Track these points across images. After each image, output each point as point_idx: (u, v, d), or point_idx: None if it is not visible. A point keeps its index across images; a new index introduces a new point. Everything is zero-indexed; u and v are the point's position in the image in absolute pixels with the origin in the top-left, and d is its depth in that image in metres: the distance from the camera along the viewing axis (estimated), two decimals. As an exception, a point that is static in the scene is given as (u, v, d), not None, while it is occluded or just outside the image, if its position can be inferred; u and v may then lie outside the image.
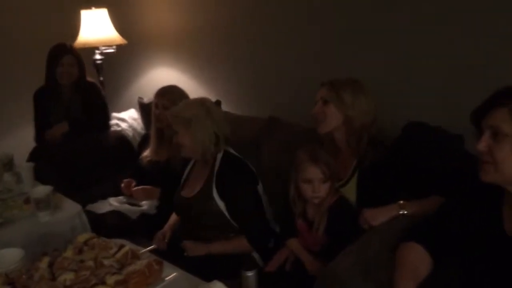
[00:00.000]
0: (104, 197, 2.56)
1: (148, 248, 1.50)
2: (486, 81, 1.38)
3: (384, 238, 1.50)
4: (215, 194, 1.94)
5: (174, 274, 1.15)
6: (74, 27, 3.25)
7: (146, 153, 2.62)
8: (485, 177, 1.21)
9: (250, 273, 0.89)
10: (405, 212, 1.57)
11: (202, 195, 1.98)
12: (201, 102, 2.04)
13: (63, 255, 1.17)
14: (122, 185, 2.53)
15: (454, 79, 1.97)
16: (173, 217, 2.21)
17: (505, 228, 1.24)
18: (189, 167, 2.17)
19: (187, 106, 2.03)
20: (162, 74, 3.36)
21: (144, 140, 2.76)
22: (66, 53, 2.84)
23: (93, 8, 3.21)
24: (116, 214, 2.36)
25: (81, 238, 1.24)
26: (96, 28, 3.18)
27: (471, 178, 1.29)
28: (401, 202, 1.59)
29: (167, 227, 2.17)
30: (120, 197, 2.55)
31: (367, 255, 1.45)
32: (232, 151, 2.06)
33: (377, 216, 1.59)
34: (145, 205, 2.45)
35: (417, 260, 1.34)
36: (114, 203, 2.47)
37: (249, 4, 2.74)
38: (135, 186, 2.54)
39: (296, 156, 1.80)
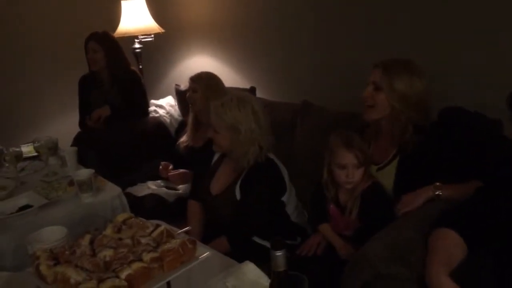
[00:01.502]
0: (143, 180, 2.65)
1: (184, 229, 1.54)
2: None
3: (417, 223, 1.49)
4: (238, 196, 1.91)
5: (207, 253, 1.19)
6: (116, 17, 3.35)
7: (183, 138, 2.69)
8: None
9: (279, 253, 0.91)
10: (440, 193, 1.55)
11: (226, 198, 1.95)
12: (252, 108, 1.88)
13: (103, 233, 1.23)
14: (160, 167, 2.62)
15: (491, 61, 1.90)
16: None
17: None
18: (217, 156, 2.12)
19: (237, 110, 1.86)
20: (198, 62, 3.41)
21: (181, 126, 2.84)
22: (90, 40, 2.92)
23: (133, -1, 3.29)
24: (154, 197, 2.44)
25: (120, 217, 1.30)
26: (135, 18, 3.26)
27: (508, 165, 1.26)
28: (437, 184, 1.57)
29: None
30: (158, 181, 2.64)
31: (398, 239, 1.44)
32: (271, 156, 1.97)
33: (413, 201, 1.58)
34: (181, 189, 2.52)
35: (451, 246, 1.32)
36: (152, 186, 2.56)
37: None
38: (172, 169, 2.62)
39: (330, 141, 1.80)
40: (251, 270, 1.28)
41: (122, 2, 3.29)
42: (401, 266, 1.36)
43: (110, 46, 2.94)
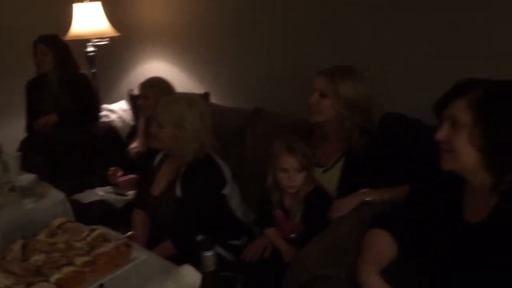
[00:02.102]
0: (92, 187, 2.61)
1: (126, 234, 1.54)
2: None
3: (353, 225, 1.55)
4: (179, 194, 1.94)
5: (143, 256, 1.19)
6: (68, 20, 3.29)
7: (134, 144, 2.67)
8: (445, 165, 1.25)
9: (208, 253, 0.93)
10: (368, 198, 1.63)
11: (167, 197, 1.98)
12: (200, 107, 1.97)
13: (36, 238, 1.21)
14: (109, 173, 2.58)
15: (434, 71, 2.00)
16: None
17: (464, 216, 1.28)
18: (159, 157, 2.14)
19: (186, 107, 1.94)
20: (154, 67, 3.39)
21: (133, 131, 2.81)
22: (38, 42, 2.88)
23: (85, 1, 3.24)
24: (101, 203, 2.40)
25: (56, 222, 1.28)
26: (88, 21, 3.21)
27: (437, 169, 1.33)
28: (365, 190, 1.65)
29: None
30: (107, 187, 2.60)
31: (334, 241, 1.50)
32: (212, 153, 2.02)
33: (344, 206, 1.65)
34: (131, 194, 2.49)
35: (381, 245, 1.38)
36: (100, 192, 2.52)
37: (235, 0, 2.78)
38: (122, 175, 2.59)
39: (274, 146, 1.84)
40: (189, 273, 1.28)
41: (74, 5, 3.23)
42: (335, 267, 1.41)
43: (58, 48, 2.90)
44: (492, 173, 1.18)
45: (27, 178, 1.90)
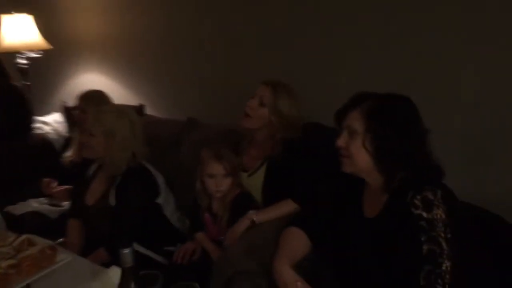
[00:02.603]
0: (25, 199, 2.59)
1: (57, 241, 1.60)
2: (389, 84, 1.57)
3: (273, 225, 1.70)
4: (113, 203, 2.00)
5: (68, 258, 1.27)
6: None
7: (68, 153, 2.69)
8: (345, 168, 1.42)
9: (126, 250, 1.03)
10: (255, 219, 1.81)
11: (101, 206, 2.03)
12: (129, 117, 2.03)
13: (-38, 245, 1.25)
14: (43, 184, 2.58)
15: (356, 80, 2.19)
16: None
17: (364, 212, 1.46)
18: (93, 167, 2.19)
19: (116, 117, 2.00)
20: (88, 79, 3.42)
21: (67, 143, 2.82)
22: None
23: (14, 13, 3.21)
24: (35, 214, 2.40)
25: (-19, 230, 1.33)
26: (18, 33, 3.18)
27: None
28: (252, 211, 1.84)
29: None
30: (41, 199, 2.60)
31: (256, 240, 1.64)
32: (145, 163, 2.08)
33: (236, 231, 1.81)
34: (65, 205, 2.51)
35: (295, 242, 1.53)
36: (34, 204, 2.51)
37: (167, 12, 2.89)
38: (56, 186, 2.61)
39: (202, 154, 1.96)
40: (116, 274, 1.37)
41: (1, 16, 3.19)
42: (255, 263, 1.55)
43: None
44: (383, 174, 1.36)
45: (-47, 191, 1.89)
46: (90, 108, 2.46)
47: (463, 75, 1.96)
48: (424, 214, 1.24)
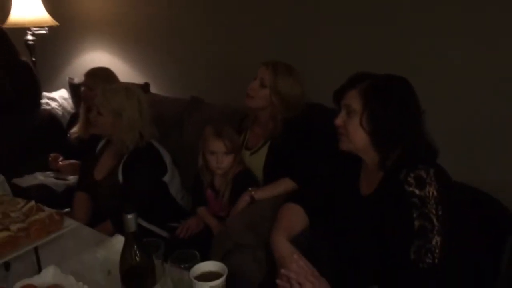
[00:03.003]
0: (31, 172, 2.66)
1: (63, 210, 1.66)
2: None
3: (271, 201, 1.76)
4: (121, 179, 2.05)
5: (75, 224, 1.33)
6: (7, 8, 3.28)
7: (74, 129, 2.74)
8: (342, 146, 1.47)
9: (130, 216, 1.08)
10: (254, 195, 1.86)
11: (109, 182, 2.08)
12: (138, 98, 2.05)
13: (-26, 209, 1.31)
14: (50, 159, 2.65)
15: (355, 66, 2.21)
16: None
17: (361, 190, 1.50)
18: (101, 143, 2.24)
19: (125, 97, 2.02)
20: (95, 57, 3.46)
21: (73, 119, 2.88)
22: None
23: (24, -11, 3.25)
24: (41, 187, 2.47)
25: (-10, 195, 1.38)
26: (27, 9, 3.22)
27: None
28: (251, 189, 1.89)
29: None
30: (48, 172, 2.67)
31: (254, 215, 1.70)
32: (153, 142, 2.12)
33: (237, 206, 1.87)
34: (71, 179, 2.58)
35: (292, 216, 1.59)
36: (40, 177, 2.58)
37: None
38: (62, 160, 2.67)
39: (204, 131, 2.01)
40: (119, 241, 1.43)
41: (12, -8, 3.24)
42: (253, 236, 1.60)
43: None
44: (379, 152, 1.40)
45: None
46: (96, 85, 2.49)
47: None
48: (417, 191, 1.28)
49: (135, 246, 1.11)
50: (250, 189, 1.88)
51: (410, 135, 1.37)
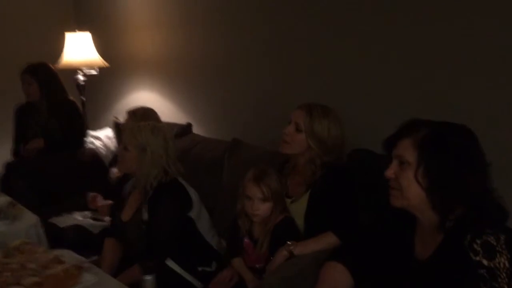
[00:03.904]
0: (71, 211, 2.64)
1: (91, 259, 1.58)
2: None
3: (313, 257, 1.59)
4: (145, 217, 1.99)
5: (93, 280, 1.22)
6: (59, 49, 3.39)
7: (116, 169, 2.72)
8: (394, 202, 1.29)
9: (148, 277, 0.96)
10: (292, 250, 1.70)
11: (135, 222, 2.03)
12: (164, 135, 2.04)
13: (-9, 258, 1.24)
14: (89, 198, 2.62)
15: (403, 109, 2.06)
16: None
17: (415, 253, 1.31)
18: (129, 184, 2.20)
19: (150, 133, 2.02)
20: (140, 96, 3.49)
21: (115, 158, 2.86)
22: (24, 73, 2.98)
23: (77, 31, 3.36)
24: (77, 228, 2.44)
25: (14, 243, 1.32)
26: (79, 51, 3.32)
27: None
28: (290, 243, 1.73)
29: None
30: (86, 212, 2.63)
31: (293, 271, 1.53)
32: (178, 178, 2.06)
33: (274, 262, 1.72)
34: (108, 220, 2.52)
35: (336, 278, 1.41)
36: (78, 217, 2.55)
37: (218, 34, 2.90)
38: (101, 201, 2.62)
39: (246, 174, 1.90)
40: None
41: (66, 34, 3.35)
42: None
43: (44, 77, 2.98)
44: (437, 211, 1.22)
45: (1, 200, 1.93)
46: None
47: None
48: (485, 262, 1.09)
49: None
50: (289, 243, 1.72)
51: (474, 192, 1.18)
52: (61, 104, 3.01)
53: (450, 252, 1.17)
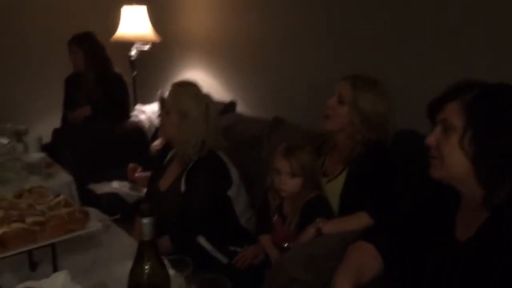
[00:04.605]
0: (111, 180, 2.66)
1: (112, 218, 1.55)
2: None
3: (342, 237, 1.46)
4: (183, 189, 1.93)
5: (98, 226, 1.17)
6: (116, 23, 3.44)
7: (156, 142, 2.71)
8: (434, 173, 1.14)
9: (146, 220, 0.89)
10: (321, 227, 1.57)
11: (172, 191, 1.97)
12: (207, 104, 1.97)
13: (4, 197, 1.23)
14: (128, 168, 2.62)
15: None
16: None
17: (456, 234, 1.15)
18: (170, 154, 2.15)
19: (192, 99, 1.96)
20: (189, 74, 3.47)
21: (157, 132, 2.86)
22: (71, 42, 3.01)
23: (134, 4, 3.39)
24: (112, 196, 2.44)
25: (28, 186, 1.30)
26: (134, 24, 3.35)
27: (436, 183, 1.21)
28: (319, 219, 1.61)
29: None
30: (125, 182, 2.63)
31: (319, 249, 1.42)
32: (221, 154, 2.00)
33: (302, 237, 1.60)
34: (144, 191, 2.51)
35: (363, 258, 1.27)
36: (115, 185, 2.55)
37: (273, 19, 2.81)
38: (141, 171, 2.62)
39: (277, 148, 1.80)
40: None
41: (123, 7, 3.39)
42: (311, 274, 1.32)
43: (89, 47, 3.01)
44: (483, 184, 1.06)
45: (36, 155, 1.96)
46: None
47: None
48: (536, 242, 0.92)
49: (150, 259, 0.91)
50: (318, 219, 1.60)
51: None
52: (106, 75, 3.04)
53: (496, 231, 1.01)
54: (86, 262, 1.28)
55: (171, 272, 0.99)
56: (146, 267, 0.91)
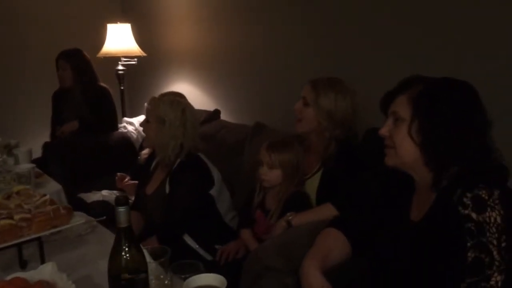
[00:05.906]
0: (100, 189, 2.74)
1: (99, 219, 1.63)
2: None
3: (312, 225, 1.56)
4: (167, 190, 2.02)
5: (82, 220, 1.26)
6: (102, 39, 3.57)
7: (145, 151, 2.80)
8: (388, 161, 1.24)
9: (121, 208, 0.98)
10: (291, 220, 1.69)
11: (157, 194, 2.07)
12: (183, 109, 2.06)
13: (-9, 199, 1.32)
14: (116, 177, 2.71)
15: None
16: None
17: (411, 216, 1.25)
18: (155, 161, 2.23)
19: (169, 105, 2.05)
20: (175, 86, 3.58)
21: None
22: (59, 58, 3.11)
23: (118, 23, 3.52)
24: (102, 203, 2.52)
25: (16, 188, 1.39)
26: (119, 41, 3.47)
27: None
28: (289, 213, 1.72)
29: None
30: (114, 191, 2.72)
31: (290, 238, 1.51)
32: (201, 155, 2.09)
33: (271, 235, 1.72)
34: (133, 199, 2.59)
35: (330, 242, 1.36)
36: (105, 193, 2.64)
37: (248, 30, 2.94)
38: (128, 181, 2.71)
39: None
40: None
41: (108, 25, 3.52)
42: (283, 260, 1.41)
43: (77, 63, 3.10)
44: (431, 169, 1.16)
45: (25, 166, 2.04)
46: None
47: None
48: (473, 215, 1.02)
49: (127, 244, 1.00)
50: (288, 214, 1.71)
51: (470, 149, 1.11)
52: (93, 90, 3.13)
53: (441, 210, 1.11)
54: (73, 259, 1.37)
55: (148, 258, 1.08)
56: (123, 252, 0.99)
